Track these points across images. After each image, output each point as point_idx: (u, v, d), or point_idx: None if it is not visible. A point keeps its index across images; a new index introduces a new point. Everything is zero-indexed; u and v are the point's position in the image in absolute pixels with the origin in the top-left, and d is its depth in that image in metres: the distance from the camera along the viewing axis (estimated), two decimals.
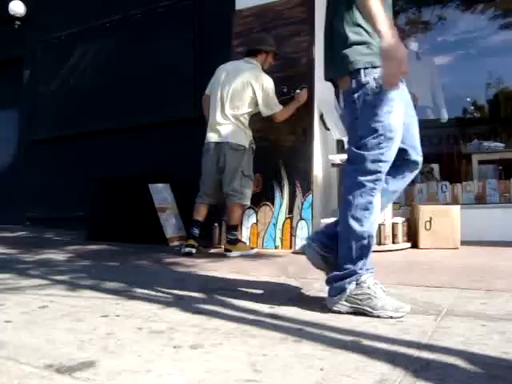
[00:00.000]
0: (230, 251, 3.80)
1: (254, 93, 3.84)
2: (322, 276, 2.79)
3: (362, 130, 1.97)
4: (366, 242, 1.95)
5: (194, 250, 3.84)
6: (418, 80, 5.45)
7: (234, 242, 3.85)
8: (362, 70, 1.96)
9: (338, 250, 2.04)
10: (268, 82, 3.87)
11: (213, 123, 3.92)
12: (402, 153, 2.08)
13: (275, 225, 4.06)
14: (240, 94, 3.85)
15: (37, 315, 2.10)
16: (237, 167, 3.84)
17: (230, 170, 3.84)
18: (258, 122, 4.10)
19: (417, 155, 2.15)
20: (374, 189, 1.96)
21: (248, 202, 3.96)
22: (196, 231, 3.94)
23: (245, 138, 3.90)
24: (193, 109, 5.29)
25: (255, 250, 3.94)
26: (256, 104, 3.88)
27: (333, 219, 3.70)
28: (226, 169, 3.85)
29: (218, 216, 4.24)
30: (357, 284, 1.95)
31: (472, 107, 6.15)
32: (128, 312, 2.12)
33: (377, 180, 1.96)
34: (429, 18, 5.76)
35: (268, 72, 3.99)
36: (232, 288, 2.56)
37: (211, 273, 3.04)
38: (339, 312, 1.97)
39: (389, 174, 2.04)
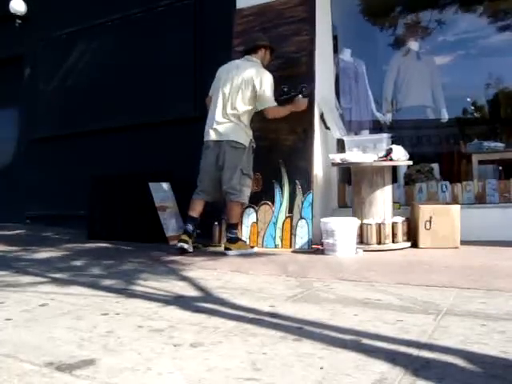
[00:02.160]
0: (230, 250, 3.80)
1: (255, 88, 3.84)
2: (321, 275, 2.80)
3: None
4: None
5: (186, 246, 3.83)
6: (418, 80, 5.45)
7: (234, 240, 3.85)
8: None
9: None
10: (268, 77, 3.87)
11: (213, 122, 3.92)
12: None
13: (275, 224, 4.06)
14: (241, 92, 3.86)
15: (37, 313, 2.10)
16: (236, 165, 3.84)
17: (230, 167, 3.85)
18: (259, 121, 4.09)
19: None
20: None
21: (246, 201, 3.97)
22: (190, 227, 3.93)
23: (245, 137, 3.90)
24: (193, 108, 5.29)
25: (255, 249, 3.94)
26: (255, 103, 3.89)
27: (333, 218, 3.73)
28: (226, 166, 3.85)
29: (218, 214, 4.24)
30: None
31: (472, 107, 6.15)
32: (128, 310, 2.12)
33: None
34: (429, 18, 5.76)
35: (269, 71, 3.98)
36: (232, 287, 2.56)
37: (211, 271, 3.04)
38: None
39: None
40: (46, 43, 6.88)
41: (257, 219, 4.16)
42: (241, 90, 3.85)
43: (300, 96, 4.01)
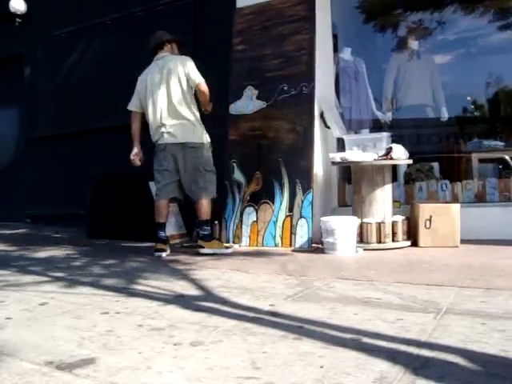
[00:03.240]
0: (203, 247, 3.76)
1: (185, 73, 3.78)
2: (321, 274, 2.81)
3: None
4: None
5: (164, 254, 3.75)
6: (418, 79, 5.45)
7: (208, 238, 3.81)
8: None
9: None
10: (187, 59, 3.84)
11: (163, 125, 3.82)
12: None
13: (275, 223, 4.06)
14: (178, 87, 3.78)
15: (37, 312, 2.10)
16: (198, 165, 3.81)
17: (193, 169, 3.80)
18: (259, 120, 4.09)
19: None
20: None
21: (214, 195, 3.93)
22: (163, 234, 3.85)
23: (200, 134, 3.84)
24: None
25: (231, 250, 3.87)
26: (191, 87, 3.82)
27: (333, 217, 3.73)
28: (189, 168, 3.81)
29: (218, 214, 4.24)
30: None
31: (472, 106, 6.15)
32: (128, 309, 2.12)
33: None
34: (429, 17, 5.75)
35: (268, 70, 3.98)
36: (232, 286, 2.56)
37: (211, 270, 3.04)
38: None
39: None
40: (46, 42, 6.87)
41: (257, 218, 4.16)
42: (176, 85, 3.78)
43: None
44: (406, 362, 1.41)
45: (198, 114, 3.88)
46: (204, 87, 3.81)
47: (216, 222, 4.28)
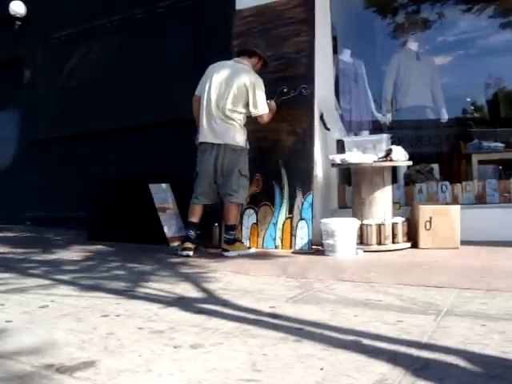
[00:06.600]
0: (228, 251, 3.80)
1: (248, 93, 3.83)
2: (322, 276, 2.80)
3: None
4: None
5: (191, 253, 3.81)
6: (417, 80, 5.45)
7: (232, 241, 3.85)
8: None
9: None
10: (261, 84, 3.87)
11: (209, 124, 3.88)
12: None
13: (275, 224, 4.06)
14: (236, 95, 3.82)
15: (37, 315, 2.11)
16: (234, 167, 3.85)
17: (228, 170, 3.85)
18: (259, 122, 4.08)
19: None
20: None
21: (244, 202, 3.99)
22: (192, 233, 3.90)
23: (242, 138, 3.90)
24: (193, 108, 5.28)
25: (252, 250, 3.94)
26: (248, 105, 3.87)
27: (333, 219, 3.73)
28: (225, 170, 3.86)
29: (218, 216, 4.24)
30: None
31: (472, 107, 6.15)
32: (128, 312, 2.12)
33: None
34: (429, 18, 5.76)
35: (268, 72, 3.98)
36: (232, 288, 2.56)
37: (211, 273, 3.04)
38: None
39: None
40: (46, 45, 6.88)
41: (257, 220, 4.16)
42: (236, 93, 3.81)
43: (268, 101, 3.98)
44: (406, 363, 1.41)
45: (244, 120, 3.92)
46: (265, 119, 3.92)
47: (216, 224, 4.28)
